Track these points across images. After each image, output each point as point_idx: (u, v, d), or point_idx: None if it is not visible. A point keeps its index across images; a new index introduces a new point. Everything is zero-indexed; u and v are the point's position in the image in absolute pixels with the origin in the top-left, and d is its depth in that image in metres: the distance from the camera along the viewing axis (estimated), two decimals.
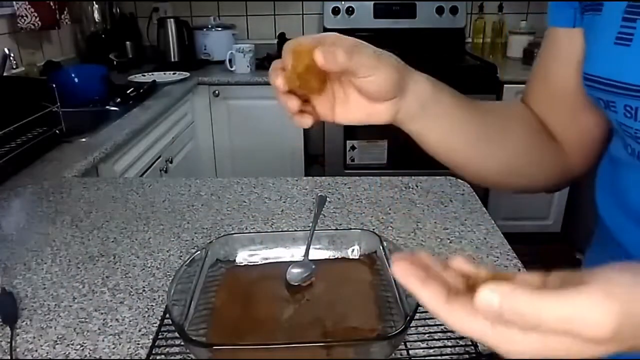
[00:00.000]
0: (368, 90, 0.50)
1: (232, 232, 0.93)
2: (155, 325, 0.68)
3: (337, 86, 0.52)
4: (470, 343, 0.63)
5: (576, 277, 0.29)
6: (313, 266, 0.68)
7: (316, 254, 0.71)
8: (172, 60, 2.59)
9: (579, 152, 0.61)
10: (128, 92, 1.96)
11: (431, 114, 0.54)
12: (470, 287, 0.32)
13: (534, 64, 0.64)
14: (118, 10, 2.68)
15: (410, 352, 0.62)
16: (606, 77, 0.49)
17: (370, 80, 0.48)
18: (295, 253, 0.71)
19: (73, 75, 1.99)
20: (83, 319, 0.70)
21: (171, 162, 2.00)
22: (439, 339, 0.64)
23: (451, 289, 0.31)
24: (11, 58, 1.82)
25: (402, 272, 0.32)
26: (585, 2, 0.53)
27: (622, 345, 0.28)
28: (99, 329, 0.68)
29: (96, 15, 2.52)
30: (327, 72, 0.48)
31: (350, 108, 0.52)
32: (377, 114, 0.52)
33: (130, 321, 0.69)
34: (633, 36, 0.46)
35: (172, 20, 2.59)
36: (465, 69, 2.46)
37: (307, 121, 0.51)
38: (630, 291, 0.28)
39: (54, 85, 1.46)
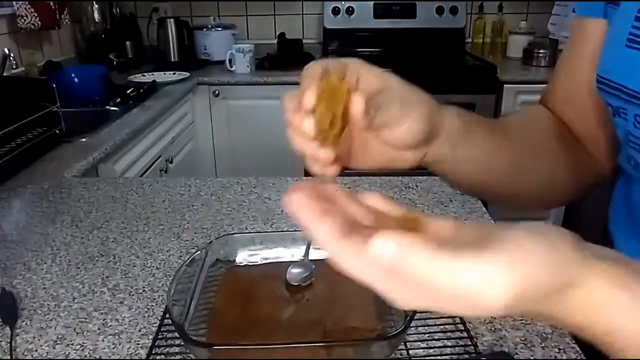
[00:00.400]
0: (391, 141, 0.42)
1: (232, 232, 0.93)
2: (155, 325, 0.68)
3: (355, 131, 0.43)
4: (470, 343, 0.63)
5: (491, 233, 0.27)
6: (313, 266, 0.68)
7: (316, 254, 0.71)
8: (172, 60, 2.59)
9: (606, 153, 0.57)
10: (128, 92, 1.96)
11: (461, 154, 0.48)
12: (380, 226, 0.30)
13: (557, 62, 0.60)
14: (118, 10, 2.68)
15: (410, 352, 0.62)
16: (617, 82, 0.45)
17: (394, 133, 0.41)
18: (295, 253, 0.71)
19: (73, 75, 1.98)
20: (83, 319, 0.70)
21: (171, 162, 2.00)
22: (439, 339, 0.64)
23: (354, 225, 0.29)
24: (11, 58, 1.82)
25: (296, 204, 0.28)
26: None
27: (514, 311, 0.26)
28: (99, 329, 0.68)
29: (96, 15, 2.52)
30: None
31: (369, 154, 0.44)
32: (400, 160, 0.45)
33: (130, 321, 0.69)
34: None
35: (172, 20, 2.59)
36: (465, 69, 2.46)
37: (336, 169, 0.40)
38: (537, 263, 0.25)
39: (54, 85, 1.46)
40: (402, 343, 0.62)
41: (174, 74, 2.38)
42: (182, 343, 0.58)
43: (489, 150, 0.50)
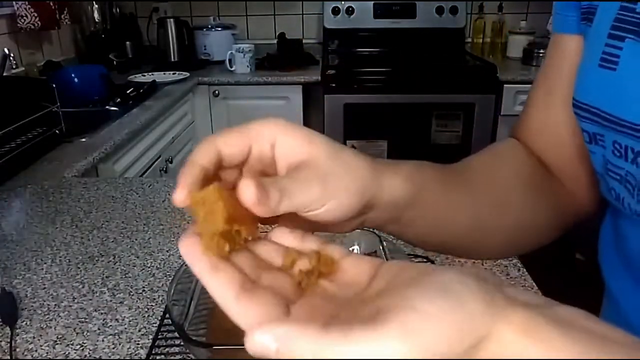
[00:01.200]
0: (314, 219, 0.33)
1: None
2: (155, 325, 0.68)
3: None
4: None
5: (397, 289, 0.25)
6: None
7: None
8: (172, 60, 2.59)
9: (588, 187, 0.51)
10: (128, 92, 1.96)
11: (409, 217, 0.41)
12: (290, 265, 0.28)
13: (532, 86, 0.53)
14: (118, 10, 2.68)
15: None
16: (592, 105, 0.41)
17: (316, 214, 0.32)
18: None
19: (73, 75, 1.98)
20: (83, 319, 0.70)
21: (171, 162, 2.00)
22: None
23: (250, 276, 0.26)
24: (11, 58, 1.82)
25: (188, 251, 0.26)
26: (582, 6, 0.45)
27: None
28: (99, 329, 0.68)
29: (96, 15, 2.52)
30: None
31: (296, 224, 0.33)
32: (335, 229, 0.37)
33: (130, 321, 0.69)
34: (619, 59, 0.38)
35: (172, 20, 2.59)
36: (465, 69, 2.46)
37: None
38: (436, 329, 0.22)
39: (54, 85, 1.46)
40: None
41: (174, 74, 2.38)
42: (182, 343, 0.58)
43: (445, 210, 0.44)
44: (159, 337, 0.65)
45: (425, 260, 0.81)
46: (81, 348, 0.65)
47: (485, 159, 0.51)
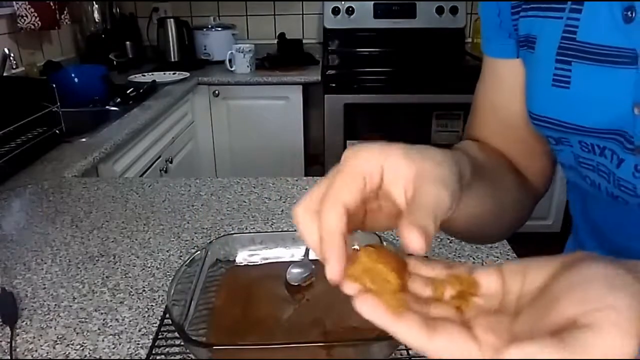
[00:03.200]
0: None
1: (232, 232, 0.93)
2: (155, 325, 0.68)
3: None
4: None
5: (557, 288, 0.28)
6: (313, 266, 0.68)
7: None
8: (172, 60, 2.59)
9: (542, 177, 0.58)
10: (128, 92, 1.96)
11: (462, 203, 0.40)
12: (441, 294, 0.31)
13: (475, 94, 0.59)
14: (118, 10, 2.68)
15: (410, 352, 0.62)
16: (553, 117, 0.46)
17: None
18: (295, 253, 0.71)
19: (73, 75, 1.99)
20: (83, 319, 0.70)
21: (171, 162, 2.00)
22: None
23: (427, 311, 0.30)
24: (11, 58, 1.82)
25: (371, 310, 0.28)
26: (519, 37, 0.50)
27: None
28: (99, 329, 0.68)
29: (96, 15, 2.52)
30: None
31: (382, 217, 0.37)
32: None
33: (130, 321, 0.69)
34: (570, 79, 0.44)
35: (172, 20, 2.59)
36: (465, 69, 2.46)
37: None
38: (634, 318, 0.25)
39: (54, 85, 1.46)
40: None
41: (174, 74, 2.38)
42: (182, 343, 0.58)
43: (481, 191, 0.46)
44: (159, 337, 0.65)
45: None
46: (81, 348, 0.65)
47: (472, 147, 0.54)
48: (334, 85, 2.32)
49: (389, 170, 0.33)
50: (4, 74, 1.81)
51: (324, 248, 0.31)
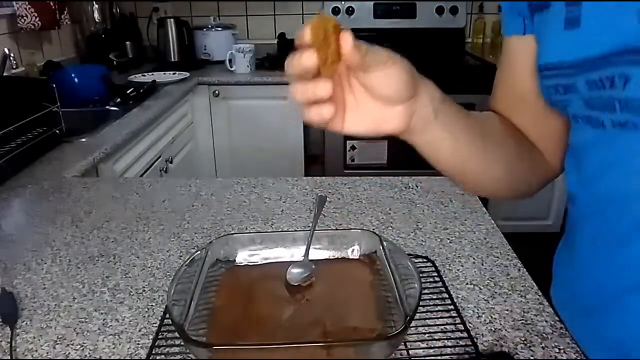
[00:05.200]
0: (380, 88, 0.47)
1: (232, 232, 0.93)
2: (155, 325, 0.68)
3: (348, 92, 0.49)
4: (470, 343, 0.63)
5: None
6: (313, 266, 0.68)
7: (316, 254, 0.71)
8: (172, 60, 2.59)
9: (553, 152, 0.62)
10: (128, 92, 1.96)
11: (442, 122, 0.51)
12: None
13: (496, 73, 0.66)
14: (118, 10, 2.68)
15: (410, 352, 0.62)
16: (564, 61, 0.50)
17: (383, 75, 0.46)
18: (295, 253, 0.71)
19: (73, 75, 1.98)
20: (83, 319, 0.70)
21: (171, 162, 2.00)
22: (439, 339, 0.64)
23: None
24: (11, 58, 1.83)
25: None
26: (534, 5, 0.55)
27: None
28: (99, 329, 0.68)
29: (96, 15, 2.52)
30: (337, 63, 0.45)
31: (361, 115, 0.49)
32: (389, 119, 0.49)
33: (130, 321, 0.69)
34: (580, 17, 0.48)
35: (172, 20, 2.59)
36: (465, 69, 2.46)
37: (330, 109, 0.46)
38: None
39: (54, 85, 1.46)
40: (402, 343, 0.62)
41: (174, 74, 2.38)
42: (182, 343, 0.58)
43: (464, 125, 0.54)
44: (159, 337, 0.65)
45: (425, 260, 0.81)
46: (81, 348, 0.65)
47: (479, 112, 0.63)
48: None
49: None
50: (4, 74, 1.82)
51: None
